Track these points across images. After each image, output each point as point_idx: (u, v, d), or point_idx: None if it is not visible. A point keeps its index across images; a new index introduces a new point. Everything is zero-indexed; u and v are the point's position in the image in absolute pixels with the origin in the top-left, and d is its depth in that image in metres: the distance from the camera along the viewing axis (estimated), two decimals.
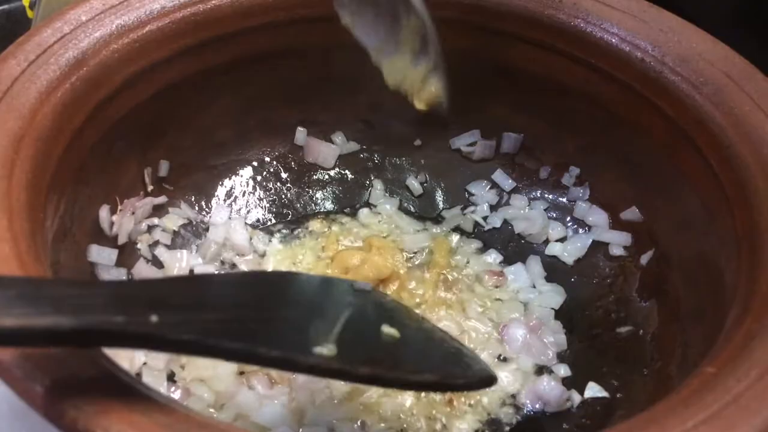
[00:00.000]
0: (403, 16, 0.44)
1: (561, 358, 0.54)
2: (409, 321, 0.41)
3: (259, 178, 0.62)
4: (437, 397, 0.50)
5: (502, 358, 0.53)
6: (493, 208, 0.63)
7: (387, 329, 0.37)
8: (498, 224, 0.62)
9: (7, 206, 0.37)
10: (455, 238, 0.61)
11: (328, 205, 0.64)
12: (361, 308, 0.39)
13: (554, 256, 0.60)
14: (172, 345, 0.29)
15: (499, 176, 0.63)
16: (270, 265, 0.58)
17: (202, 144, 0.58)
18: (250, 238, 0.59)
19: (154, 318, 0.27)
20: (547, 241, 0.61)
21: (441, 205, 0.64)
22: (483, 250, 0.61)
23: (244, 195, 0.62)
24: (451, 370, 0.37)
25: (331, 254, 0.58)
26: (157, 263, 0.55)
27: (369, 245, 0.58)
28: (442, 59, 0.45)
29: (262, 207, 0.62)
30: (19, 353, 0.30)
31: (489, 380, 0.38)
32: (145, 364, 0.49)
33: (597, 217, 0.59)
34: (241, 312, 0.32)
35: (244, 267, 0.57)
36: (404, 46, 0.45)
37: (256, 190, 0.62)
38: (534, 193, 0.63)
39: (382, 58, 0.47)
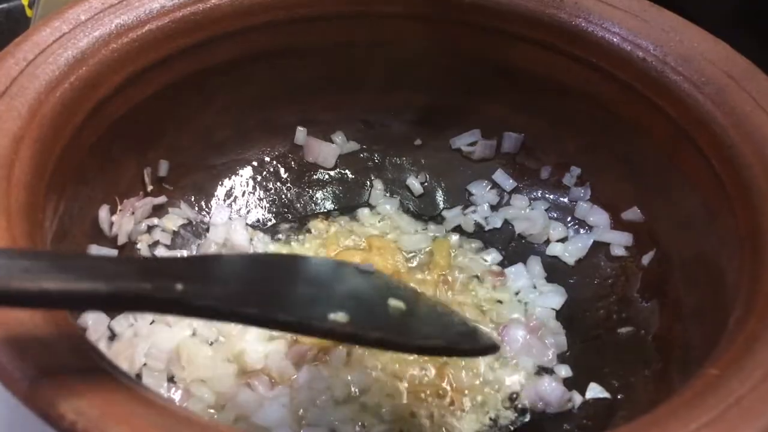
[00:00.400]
0: None
1: (561, 358, 0.54)
2: (414, 296, 0.42)
3: (259, 177, 0.62)
4: (439, 397, 0.50)
5: (502, 358, 0.53)
6: (494, 208, 0.63)
7: (393, 302, 0.38)
8: (498, 224, 0.62)
9: (5, 207, 0.36)
10: (455, 238, 0.61)
11: (329, 205, 0.63)
12: (368, 285, 0.41)
13: (555, 257, 0.60)
14: (197, 310, 0.30)
15: (499, 176, 0.63)
16: None
17: (201, 144, 0.58)
18: (251, 239, 0.59)
19: (179, 286, 0.29)
20: (547, 242, 0.61)
21: (441, 205, 0.64)
22: (483, 250, 0.61)
23: (244, 195, 0.61)
24: (455, 337, 0.39)
25: (331, 254, 0.58)
26: None
27: (369, 245, 0.58)
28: None
29: (262, 207, 0.62)
30: (19, 357, 0.30)
31: (492, 348, 0.40)
32: (145, 365, 0.48)
33: (598, 217, 0.59)
34: (259, 285, 0.34)
35: None
36: None
37: (256, 190, 0.62)
38: (535, 193, 0.62)
39: None
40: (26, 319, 0.32)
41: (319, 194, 0.64)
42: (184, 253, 0.56)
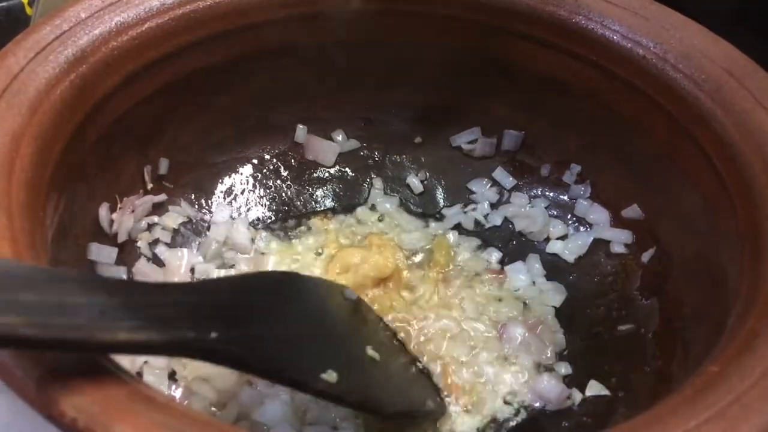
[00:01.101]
0: None
1: (561, 356, 0.54)
2: (388, 347, 0.48)
3: (259, 175, 0.62)
4: (453, 399, 0.51)
5: (501, 356, 0.53)
6: (494, 206, 0.63)
7: (371, 351, 0.44)
8: (498, 222, 0.62)
9: (6, 205, 0.36)
10: (455, 236, 0.61)
11: (329, 203, 0.63)
12: (352, 326, 0.46)
13: (555, 254, 0.60)
14: (222, 361, 0.34)
15: (499, 174, 0.63)
16: (270, 264, 0.57)
17: (201, 142, 0.58)
18: (252, 238, 0.59)
19: (213, 334, 0.32)
20: (547, 239, 0.61)
21: (441, 203, 0.64)
22: (483, 248, 0.61)
23: (243, 193, 0.61)
24: (414, 403, 0.47)
25: (331, 253, 0.58)
26: (158, 261, 0.55)
27: (369, 244, 0.58)
28: None
29: (262, 205, 0.62)
30: (20, 354, 0.30)
31: (442, 411, 0.49)
32: (146, 362, 0.49)
33: (598, 214, 0.59)
34: (269, 327, 0.38)
35: (244, 266, 0.57)
36: None
37: (256, 188, 0.62)
38: (535, 191, 0.62)
39: None
40: None
41: (319, 192, 0.64)
42: (185, 251, 0.56)
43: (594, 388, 0.50)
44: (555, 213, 0.61)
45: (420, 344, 0.53)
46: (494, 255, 0.60)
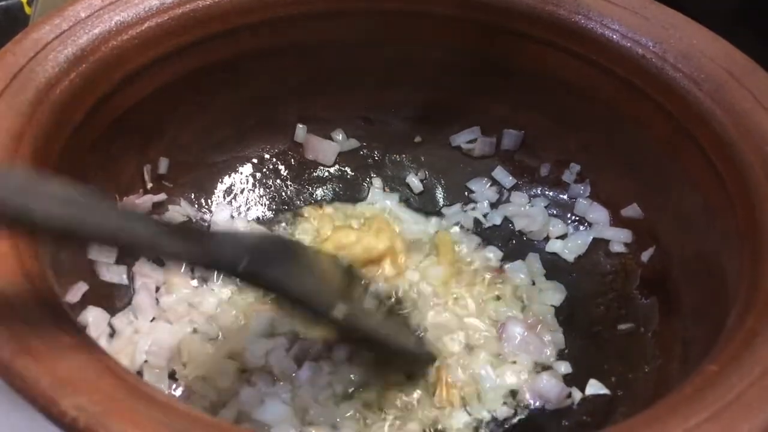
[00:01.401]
0: None
1: (560, 355, 0.54)
2: (377, 303, 0.50)
3: (258, 175, 0.62)
4: (440, 394, 0.50)
5: (500, 355, 0.53)
6: (494, 205, 0.63)
7: (367, 305, 0.48)
8: (498, 221, 0.62)
9: None
10: (456, 231, 0.61)
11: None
12: (346, 286, 0.48)
13: (555, 254, 0.60)
14: (254, 283, 0.40)
15: (499, 173, 0.63)
16: None
17: (201, 141, 0.58)
18: None
19: (244, 263, 0.38)
20: (547, 239, 0.61)
21: (441, 203, 0.64)
22: (483, 247, 0.61)
23: (243, 192, 0.61)
24: (411, 346, 0.51)
25: (326, 234, 0.58)
26: (158, 261, 0.55)
27: (368, 226, 0.58)
28: None
29: (262, 204, 0.62)
30: (23, 353, 0.30)
31: (433, 357, 0.51)
32: (145, 362, 0.49)
33: (597, 214, 0.59)
34: (287, 269, 0.42)
35: None
36: None
37: (256, 188, 0.62)
38: (534, 191, 0.63)
39: None
40: (28, 316, 0.32)
41: (318, 191, 0.64)
42: None
43: (593, 387, 0.50)
44: (555, 212, 0.61)
45: None
46: (494, 254, 0.60)
